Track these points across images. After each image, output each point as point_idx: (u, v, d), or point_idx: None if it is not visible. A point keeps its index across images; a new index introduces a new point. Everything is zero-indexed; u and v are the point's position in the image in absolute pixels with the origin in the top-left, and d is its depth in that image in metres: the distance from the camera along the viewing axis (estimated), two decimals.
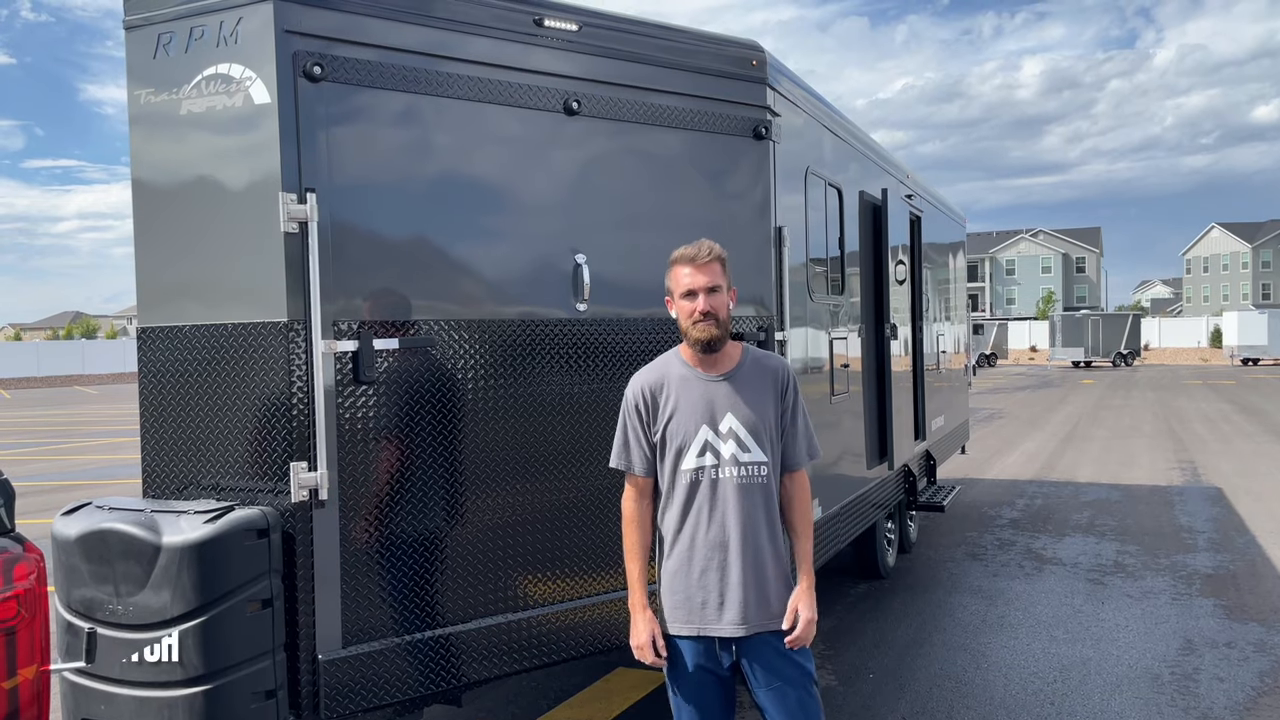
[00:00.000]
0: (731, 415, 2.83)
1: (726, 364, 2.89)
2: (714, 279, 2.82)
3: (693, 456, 2.83)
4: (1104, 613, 6.51)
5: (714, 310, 2.80)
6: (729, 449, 2.82)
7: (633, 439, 2.91)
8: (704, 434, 2.83)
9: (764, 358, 2.96)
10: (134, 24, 3.41)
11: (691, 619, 2.84)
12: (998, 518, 9.89)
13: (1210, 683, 5.22)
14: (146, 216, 3.46)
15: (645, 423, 2.90)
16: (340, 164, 3.24)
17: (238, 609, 2.98)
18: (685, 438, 2.84)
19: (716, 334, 2.82)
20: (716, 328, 2.81)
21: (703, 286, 2.81)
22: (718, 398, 2.85)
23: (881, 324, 6.93)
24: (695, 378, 2.88)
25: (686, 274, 2.83)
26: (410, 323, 3.38)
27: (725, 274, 2.87)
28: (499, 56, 3.61)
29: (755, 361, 2.93)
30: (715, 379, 2.87)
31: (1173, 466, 13.29)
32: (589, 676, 5.29)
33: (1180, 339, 63.82)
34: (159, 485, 3.44)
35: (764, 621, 2.83)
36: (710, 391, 2.86)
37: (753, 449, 2.83)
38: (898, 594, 7.12)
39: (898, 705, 4.97)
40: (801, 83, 5.15)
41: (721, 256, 2.87)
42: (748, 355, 2.94)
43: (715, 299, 2.81)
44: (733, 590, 2.81)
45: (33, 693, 2.44)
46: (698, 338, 2.82)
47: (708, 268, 2.82)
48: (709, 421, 2.83)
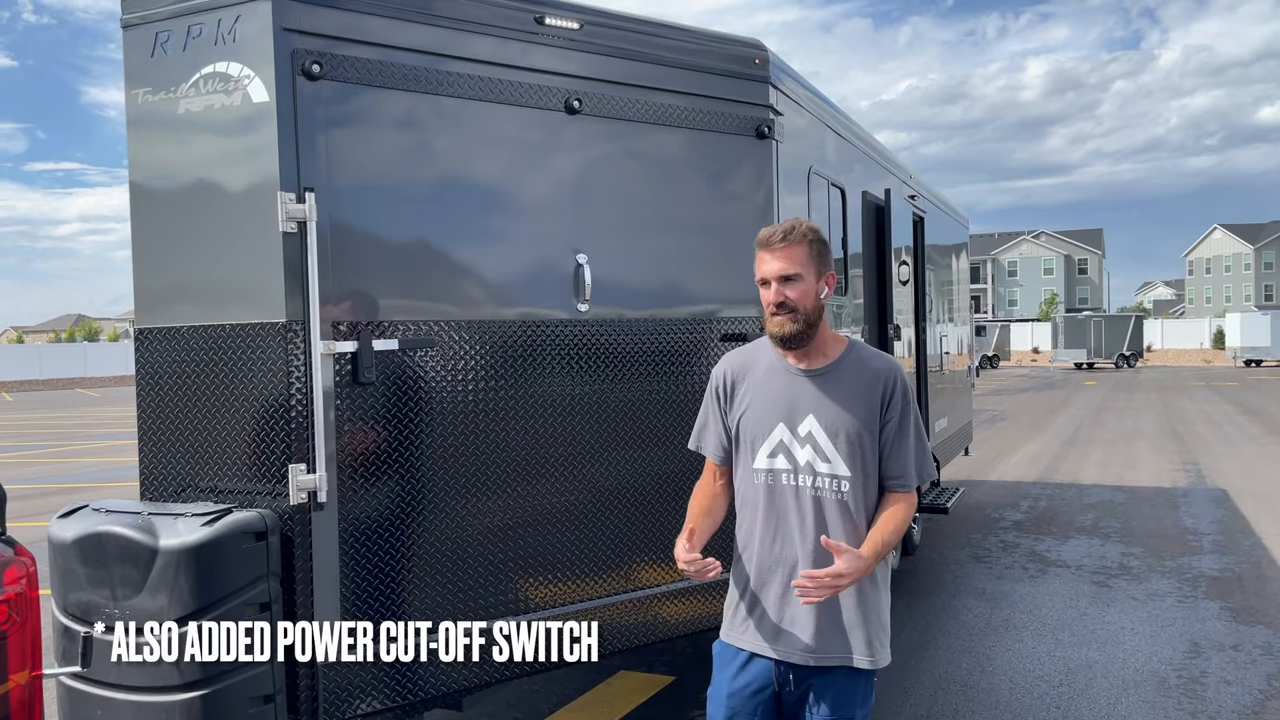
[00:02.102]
0: (813, 417, 2.52)
1: (821, 359, 2.56)
2: (792, 265, 2.48)
3: (764, 456, 2.56)
4: (1109, 615, 6.47)
5: (791, 302, 2.47)
6: (805, 455, 2.52)
7: (712, 420, 2.68)
8: (779, 433, 2.54)
9: (871, 357, 2.61)
10: (131, 23, 3.38)
11: (747, 631, 2.60)
12: (1001, 520, 9.85)
13: (1217, 686, 5.17)
14: (144, 216, 3.44)
15: (723, 408, 2.65)
16: (339, 163, 3.21)
17: (236, 612, 2.95)
18: (759, 433, 2.56)
19: (794, 329, 2.48)
20: (795, 322, 2.48)
21: (776, 274, 2.48)
22: (802, 395, 2.53)
23: (885, 325, 6.90)
24: (782, 369, 2.57)
25: (764, 259, 2.51)
26: (410, 323, 3.35)
27: (813, 258, 2.51)
28: (499, 55, 3.58)
29: (859, 360, 2.57)
30: (803, 374, 2.55)
31: (1177, 468, 13.23)
32: (591, 680, 5.25)
33: (1183, 341, 63.72)
34: (157, 488, 3.40)
35: (824, 655, 2.53)
36: (795, 387, 2.55)
37: (834, 459, 2.50)
38: (901, 597, 7.07)
39: (902, 709, 4.93)
40: (805, 82, 5.11)
41: (810, 238, 2.51)
42: (851, 352, 2.59)
43: (794, 288, 2.48)
44: (789, 613, 2.54)
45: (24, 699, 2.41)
46: (772, 332, 2.52)
47: (787, 252, 2.48)
48: (787, 420, 2.53)
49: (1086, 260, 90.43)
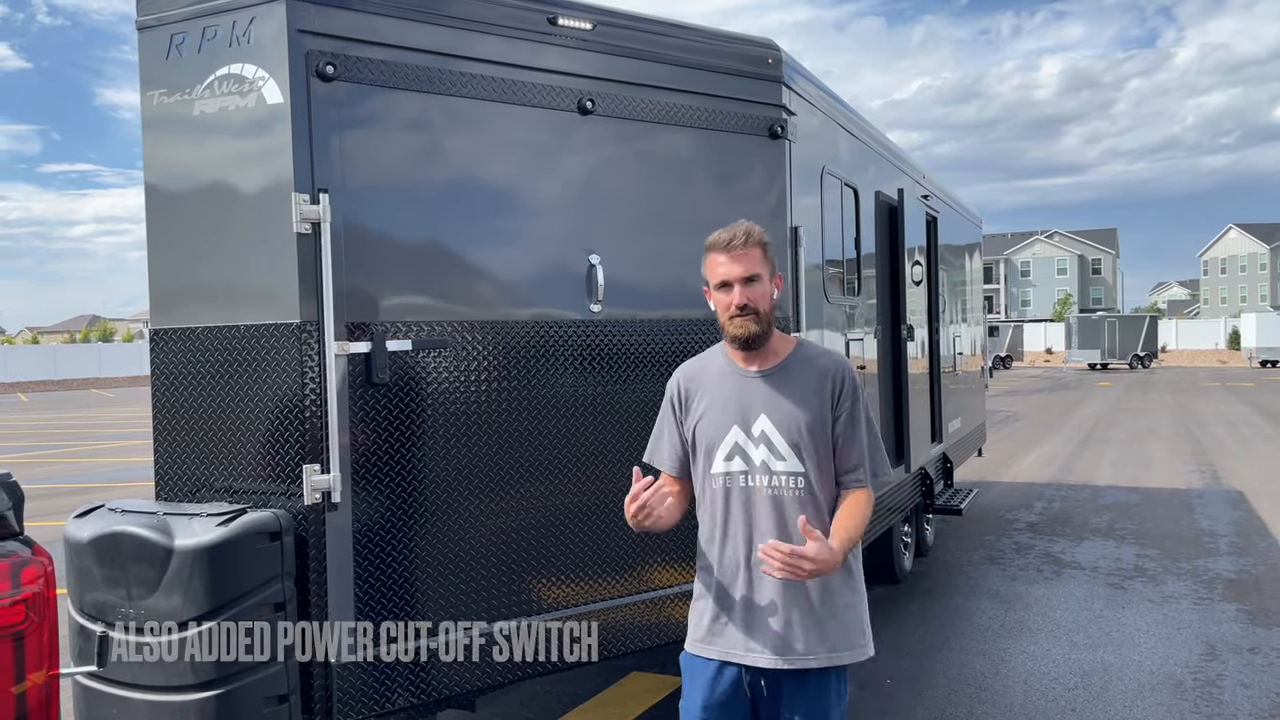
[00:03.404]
0: (766, 416, 2.55)
1: (771, 359, 2.60)
2: (752, 267, 2.52)
3: (720, 460, 2.58)
4: (1125, 618, 6.43)
5: (753, 303, 2.52)
6: (760, 454, 2.54)
7: (667, 431, 2.71)
8: (734, 435, 2.57)
9: (819, 354, 2.66)
10: (147, 24, 3.40)
11: (713, 640, 2.60)
12: (1015, 521, 9.80)
13: (1234, 689, 5.13)
14: (158, 217, 3.45)
15: (679, 417, 2.68)
16: (353, 164, 3.22)
17: (250, 612, 2.96)
18: (714, 438, 2.59)
19: (756, 330, 2.53)
20: (756, 323, 2.53)
21: (739, 277, 2.52)
22: (754, 396, 2.57)
23: (898, 326, 6.87)
24: (733, 372, 2.62)
25: (721, 262, 2.54)
26: (423, 324, 3.36)
27: (767, 260, 2.57)
28: (512, 56, 3.58)
29: (806, 358, 2.62)
30: (754, 375, 2.59)
31: (1192, 470, 13.15)
32: (604, 681, 5.25)
33: (1198, 341, 63.30)
34: (172, 488, 3.42)
35: (790, 658, 2.52)
36: (747, 389, 2.59)
37: (788, 457, 2.53)
38: (915, 598, 7.05)
39: (915, 711, 4.91)
40: (818, 82, 5.10)
41: (762, 241, 2.56)
42: (800, 350, 2.64)
43: (754, 290, 2.53)
44: (757, 616, 2.53)
45: (41, 698, 2.41)
46: (735, 334, 2.55)
47: (745, 255, 2.52)
48: (740, 422, 2.57)
49: (1100, 260, 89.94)
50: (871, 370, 6.23)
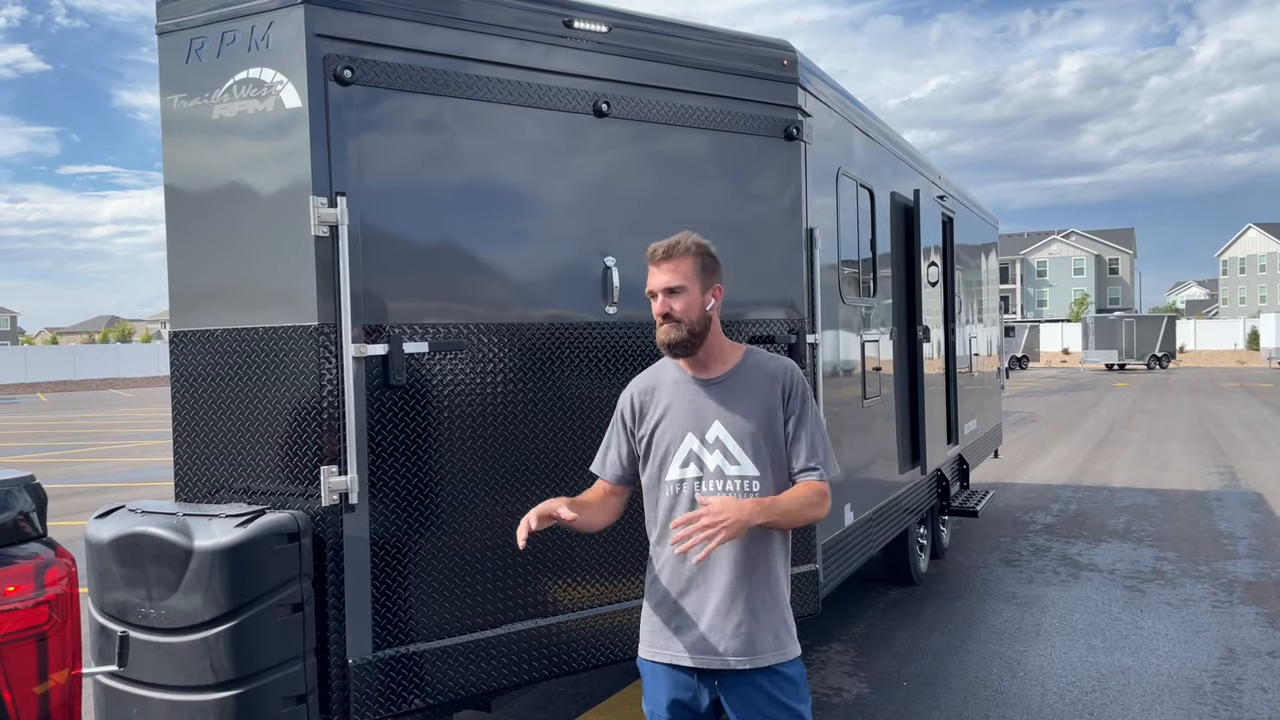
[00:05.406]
0: (719, 423, 2.60)
1: (720, 367, 2.66)
2: (675, 278, 2.58)
3: (676, 467, 2.62)
4: (1143, 620, 6.39)
5: (676, 313, 2.57)
6: (714, 460, 2.59)
7: (615, 442, 2.77)
8: (689, 443, 2.61)
9: (767, 361, 2.71)
10: (166, 29, 3.42)
11: (668, 645, 2.62)
12: (1031, 523, 9.75)
13: (1254, 693, 5.09)
14: (178, 220, 3.48)
15: (629, 429, 2.73)
16: (370, 167, 3.24)
17: (269, 613, 2.98)
18: (670, 446, 2.64)
19: (678, 337, 2.58)
20: (679, 330, 2.57)
21: (661, 287, 2.58)
22: (706, 404, 2.62)
23: (914, 326, 6.85)
24: (686, 381, 2.67)
25: (651, 273, 2.62)
26: (440, 326, 3.37)
27: (699, 272, 2.60)
28: (528, 59, 3.59)
29: (756, 364, 2.68)
30: (706, 383, 2.65)
31: (1210, 471, 13.05)
32: (619, 682, 5.25)
33: (1216, 341, 62.82)
34: (191, 489, 3.44)
35: (749, 657, 2.55)
36: (699, 397, 2.64)
37: (742, 461, 2.58)
38: (930, 600, 7.03)
39: (931, 714, 4.90)
40: (833, 83, 5.09)
41: (694, 251, 2.61)
42: (750, 357, 2.70)
43: (678, 300, 2.57)
44: (712, 617, 2.56)
45: (64, 698, 2.44)
46: (659, 340, 2.61)
47: (669, 265, 2.59)
48: (695, 430, 2.62)
49: (1118, 260, 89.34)
50: (887, 371, 6.22)
